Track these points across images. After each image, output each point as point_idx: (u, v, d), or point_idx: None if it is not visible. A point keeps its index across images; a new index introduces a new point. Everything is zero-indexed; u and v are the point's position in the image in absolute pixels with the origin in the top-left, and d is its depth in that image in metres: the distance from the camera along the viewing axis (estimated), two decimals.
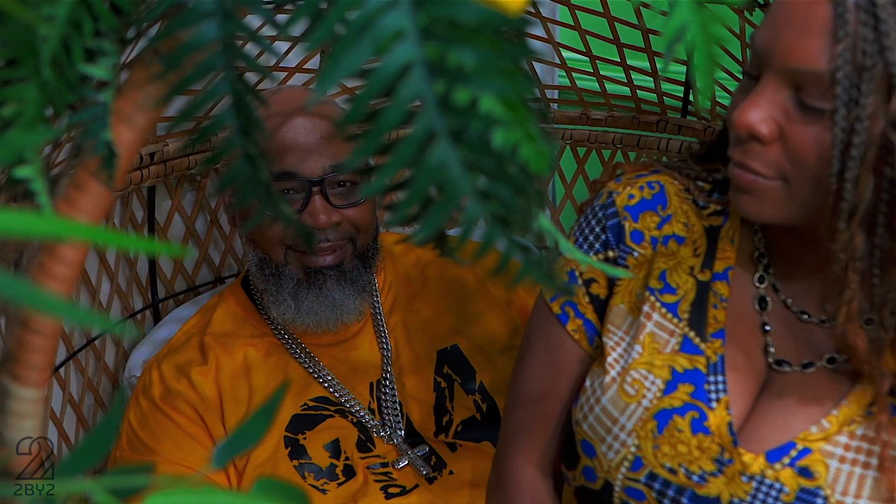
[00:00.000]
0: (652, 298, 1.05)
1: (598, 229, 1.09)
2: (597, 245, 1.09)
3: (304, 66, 1.75)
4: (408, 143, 0.47)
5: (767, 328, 1.01)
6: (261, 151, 0.56)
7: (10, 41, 0.60)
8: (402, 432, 1.45)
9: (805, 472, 0.96)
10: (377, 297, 1.55)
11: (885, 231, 0.87)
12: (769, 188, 0.90)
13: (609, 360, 1.04)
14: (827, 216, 0.87)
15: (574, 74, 1.83)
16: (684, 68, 1.70)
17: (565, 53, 1.82)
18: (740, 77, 1.22)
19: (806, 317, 1.00)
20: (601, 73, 1.79)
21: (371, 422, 1.45)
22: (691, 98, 1.76)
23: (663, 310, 1.04)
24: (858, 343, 0.91)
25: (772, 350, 1.01)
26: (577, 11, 1.71)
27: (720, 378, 1.00)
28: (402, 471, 1.40)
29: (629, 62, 1.74)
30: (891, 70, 0.82)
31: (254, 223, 0.46)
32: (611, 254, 1.08)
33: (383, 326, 1.54)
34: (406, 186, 0.48)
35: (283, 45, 1.70)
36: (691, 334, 1.02)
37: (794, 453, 0.96)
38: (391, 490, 1.38)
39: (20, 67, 0.62)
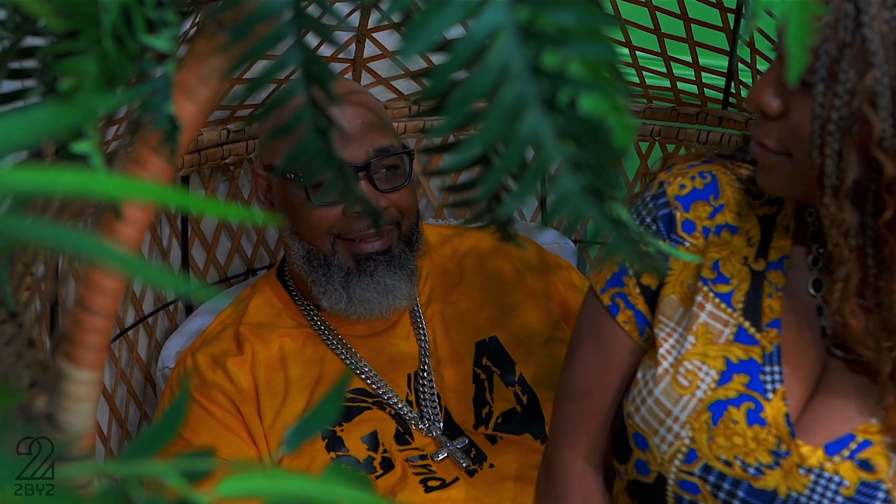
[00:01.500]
0: (705, 289, 1.02)
1: (648, 220, 1.07)
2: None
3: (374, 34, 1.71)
4: (498, 111, 0.44)
5: (823, 311, 0.99)
6: (331, 124, 0.55)
7: (71, 12, 0.58)
8: (441, 424, 1.43)
9: (865, 465, 0.93)
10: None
11: (874, 208, 0.88)
12: (778, 163, 0.94)
13: (661, 351, 1.02)
14: (816, 191, 0.90)
15: None
16: (726, 59, 1.67)
17: None
18: None
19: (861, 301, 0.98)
20: (640, 64, 1.76)
21: (409, 414, 1.43)
22: (733, 89, 1.73)
23: (717, 300, 1.01)
24: (853, 322, 0.92)
25: (829, 332, 0.99)
26: (617, 1, 1.68)
27: (776, 368, 0.98)
28: (441, 463, 1.38)
29: (669, 53, 1.72)
30: (868, 46, 0.83)
31: (324, 196, 0.44)
32: (662, 243, 1.06)
33: (420, 317, 1.52)
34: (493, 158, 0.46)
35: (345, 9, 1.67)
36: (746, 324, 1.00)
37: (853, 445, 0.94)
38: (431, 483, 1.36)
39: (80, 39, 0.60)
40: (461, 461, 1.38)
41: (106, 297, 0.60)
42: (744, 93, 1.71)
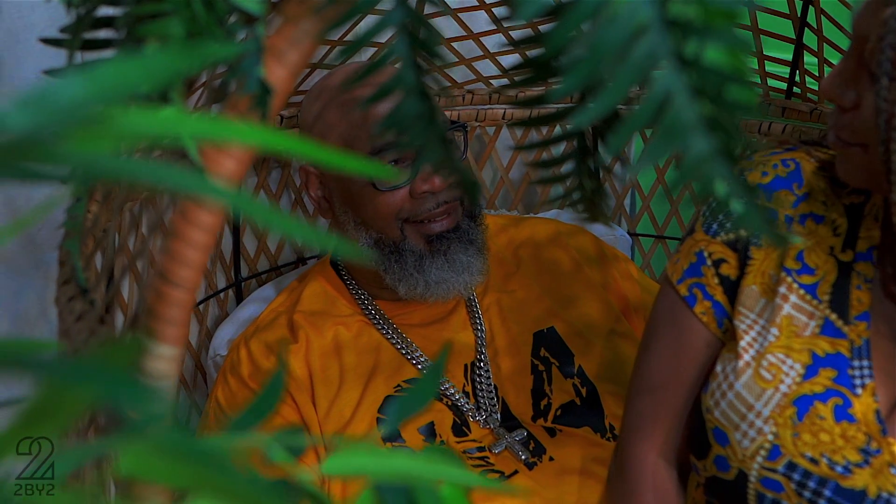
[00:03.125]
0: (788, 279, 0.98)
1: None
2: (727, 224, 1.03)
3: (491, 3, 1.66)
4: (630, 68, 0.41)
5: None
6: (429, 88, 0.51)
7: None
8: (498, 416, 1.40)
9: None
10: None
11: None
12: (853, 154, 0.92)
13: (742, 343, 0.98)
14: (884, 185, 0.87)
15: None
16: (791, 47, 1.63)
17: None
18: None
19: None
20: None
21: (466, 405, 1.40)
22: (797, 79, 1.69)
23: (801, 291, 0.97)
24: None
25: None
26: None
27: (865, 363, 0.93)
28: (499, 456, 1.35)
29: None
30: None
31: (419, 167, 0.42)
32: (743, 233, 1.02)
33: (477, 307, 1.49)
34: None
35: None
36: (833, 317, 0.96)
37: None
38: (489, 476, 1.32)
39: (166, 0, 0.57)
40: (520, 454, 1.35)
41: (189, 270, 0.57)
42: (809, 82, 1.66)
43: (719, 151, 0.43)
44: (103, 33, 0.66)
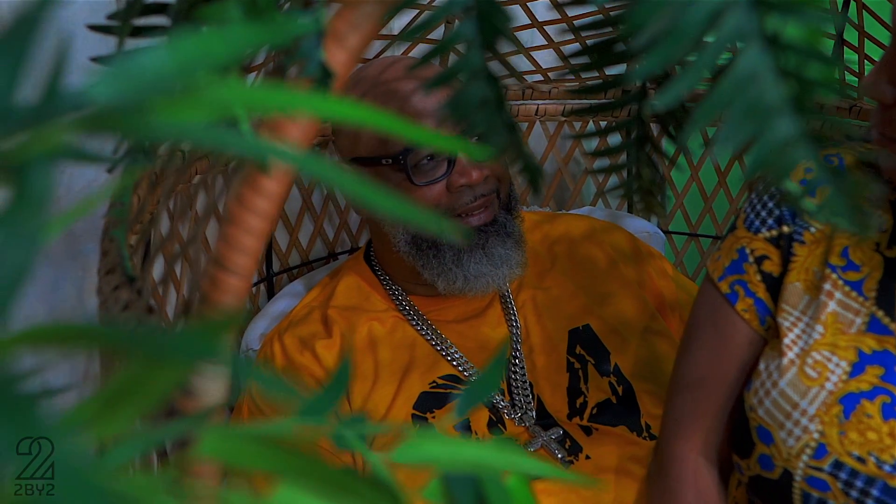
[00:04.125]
0: (833, 276, 0.97)
1: (770, 205, 1.02)
2: (769, 221, 1.02)
3: None
4: (716, 47, 0.40)
5: None
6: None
7: None
8: (534, 414, 1.39)
9: None
10: None
11: None
12: None
13: (785, 341, 0.97)
14: None
15: None
16: (830, 43, 1.61)
17: None
18: None
19: None
20: None
21: (501, 402, 1.39)
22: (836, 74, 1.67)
23: (846, 288, 0.96)
24: None
25: None
26: None
27: None
28: (535, 454, 1.34)
29: None
30: None
31: (485, 154, 0.42)
32: (785, 229, 1.01)
33: (512, 303, 1.48)
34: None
35: None
36: (879, 314, 0.95)
37: None
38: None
39: None
40: (556, 452, 1.34)
41: (246, 257, 0.57)
42: (849, 78, 1.65)
43: (805, 134, 0.42)
44: (153, 20, 0.66)
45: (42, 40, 0.28)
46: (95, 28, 0.68)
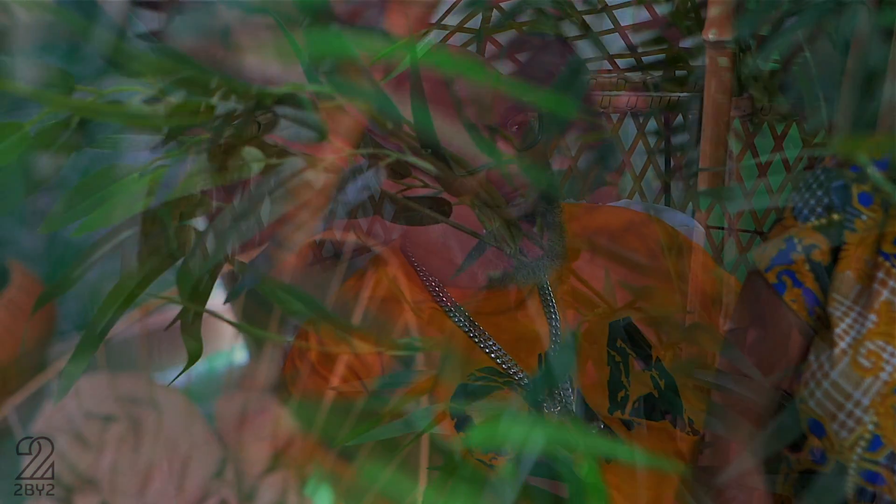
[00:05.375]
0: (887, 264, 0.95)
1: (819, 193, 1.00)
2: (818, 209, 1.00)
3: None
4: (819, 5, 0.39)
5: None
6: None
7: None
8: (574, 408, 1.37)
9: None
10: None
11: None
12: None
13: (837, 331, 0.95)
14: None
15: None
16: None
17: None
18: None
19: None
20: None
21: (540, 396, 1.37)
22: None
23: None
24: None
25: None
26: None
27: None
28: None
29: None
30: None
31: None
32: (835, 217, 0.99)
33: (550, 296, 1.46)
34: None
35: None
36: None
37: None
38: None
39: None
40: None
41: (302, 234, 0.56)
42: None
43: None
44: None
45: None
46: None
